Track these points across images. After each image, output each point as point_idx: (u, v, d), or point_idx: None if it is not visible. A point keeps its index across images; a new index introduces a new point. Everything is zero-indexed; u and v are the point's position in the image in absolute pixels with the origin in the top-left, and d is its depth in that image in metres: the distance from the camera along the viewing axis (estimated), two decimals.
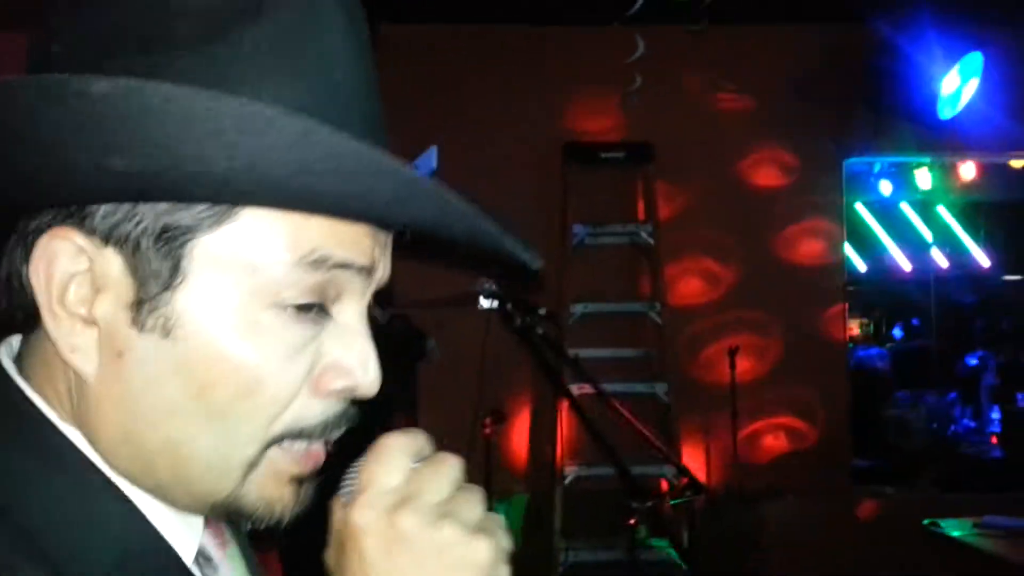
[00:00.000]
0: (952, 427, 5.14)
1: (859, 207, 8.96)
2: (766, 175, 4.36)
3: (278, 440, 0.50)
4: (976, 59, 3.92)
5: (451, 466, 0.50)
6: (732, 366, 4.01)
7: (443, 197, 0.48)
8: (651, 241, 4.16)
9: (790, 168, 4.35)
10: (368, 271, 0.51)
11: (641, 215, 4.26)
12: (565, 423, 3.72)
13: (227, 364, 0.48)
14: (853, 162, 4.92)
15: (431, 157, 1.77)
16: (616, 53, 3.78)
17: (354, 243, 0.50)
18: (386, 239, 0.53)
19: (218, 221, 0.47)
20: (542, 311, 2.26)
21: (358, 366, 0.51)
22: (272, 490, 0.51)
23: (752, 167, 4.35)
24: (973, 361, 6.25)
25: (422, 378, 3.97)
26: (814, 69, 4.28)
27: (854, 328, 9.29)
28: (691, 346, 4.24)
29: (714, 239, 4.33)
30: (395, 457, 0.50)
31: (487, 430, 3.39)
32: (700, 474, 4.19)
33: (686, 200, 4.32)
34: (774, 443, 4.22)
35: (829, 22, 4.21)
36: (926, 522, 2.96)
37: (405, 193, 0.47)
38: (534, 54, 4.30)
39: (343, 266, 0.50)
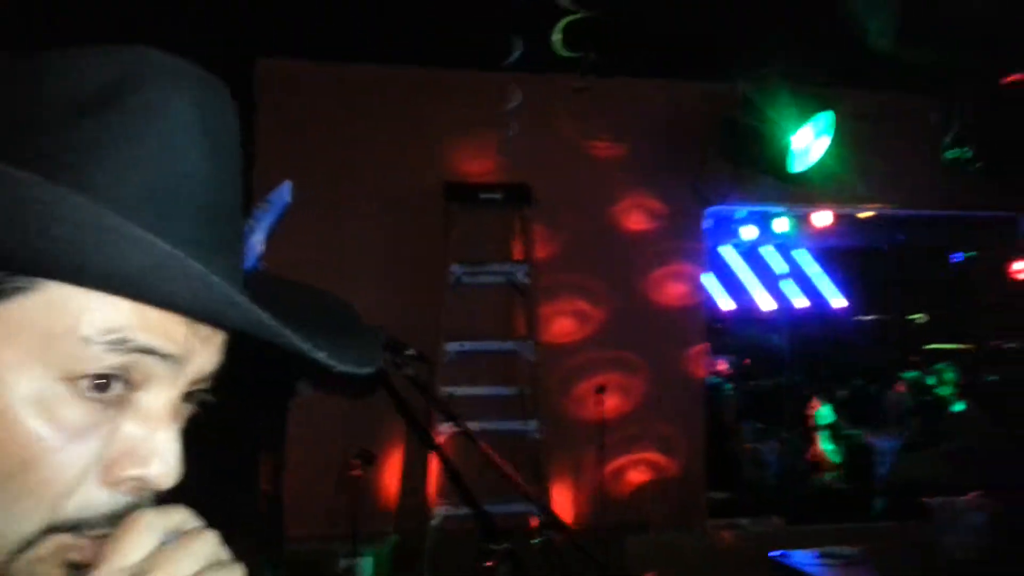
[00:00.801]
0: (802, 460, 5.46)
1: (726, 250, 9.45)
2: (635, 220, 4.56)
3: (60, 526, 0.49)
4: (827, 117, 4.25)
5: (204, 544, 0.48)
6: (600, 403, 4.16)
7: (242, 306, 0.48)
8: (527, 281, 4.26)
9: (657, 214, 4.57)
10: (177, 360, 0.51)
11: (518, 255, 4.35)
12: (436, 463, 3.72)
13: (7, 432, 0.47)
14: (717, 209, 5.21)
15: (284, 192, 1.75)
16: (496, 98, 3.89)
17: (163, 330, 0.50)
18: (212, 329, 0.53)
19: (18, 290, 0.47)
20: (411, 351, 2.27)
21: (154, 456, 0.50)
22: (43, 573, 0.49)
23: (622, 212, 4.54)
24: (823, 396, 6.66)
25: (292, 417, 3.89)
26: (680, 121, 4.54)
27: (723, 365, 9.73)
28: (562, 384, 4.35)
29: (586, 280, 4.48)
30: (142, 533, 0.48)
31: (355, 471, 3.35)
32: (569, 510, 4.28)
33: (561, 242, 4.45)
34: (639, 478, 4.37)
35: (694, 79, 4.49)
36: (774, 554, 3.14)
37: (202, 294, 0.47)
38: (417, 94, 4.35)
39: (146, 351, 0.49)
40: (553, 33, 2.64)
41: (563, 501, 4.29)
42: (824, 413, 5.78)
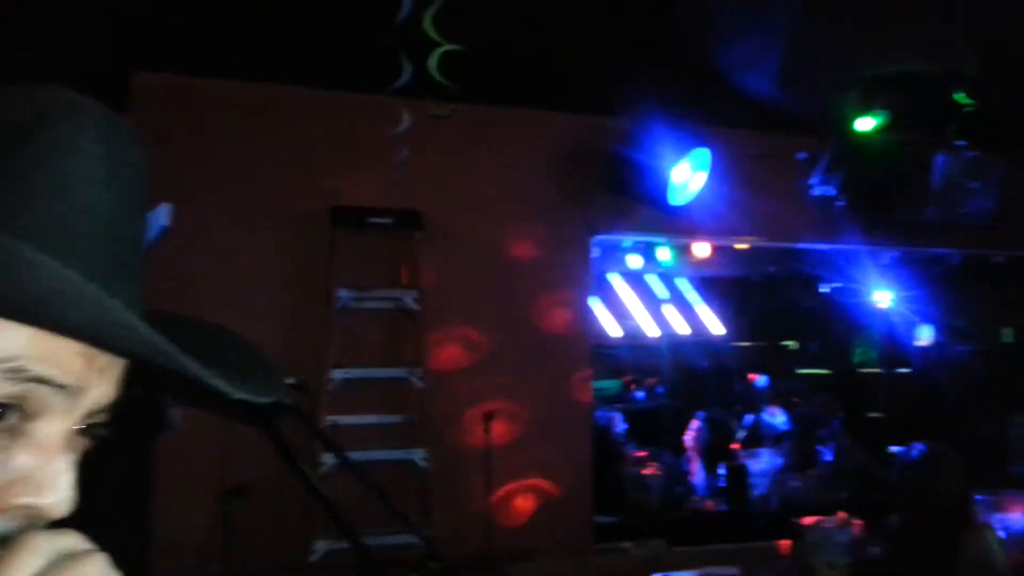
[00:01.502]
0: (684, 483, 5.62)
1: (614, 278, 9.69)
2: (524, 248, 4.61)
3: None
4: (704, 154, 4.45)
5: (93, 567, 0.47)
6: (487, 430, 4.15)
7: (139, 331, 0.49)
8: (416, 307, 4.22)
9: (545, 242, 4.64)
10: (73, 391, 0.51)
11: (407, 281, 4.31)
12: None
13: None
14: (604, 238, 5.34)
15: (161, 215, 1.67)
16: (386, 122, 3.85)
17: (60, 360, 0.50)
18: (109, 360, 0.53)
19: None
20: (290, 380, 2.19)
21: (47, 485, 0.50)
22: None
23: (511, 240, 4.58)
24: (702, 420, 6.91)
25: (164, 451, 3.68)
26: (569, 153, 4.66)
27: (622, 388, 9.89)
28: (450, 411, 4.32)
29: (474, 307, 4.48)
30: (30, 555, 0.47)
31: (230, 506, 3.20)
32: (456, 539, 4.23)
33: (450, 268, 4.44)
34: (526, 505, 4.37)
35: (582, 113, 4.61)
36: None
37: (98, 318, 0.48)
38: (305, 115, 4.27)
39: (42, 381, 0.50)
40: (429, 60, 2.65)
41: (450, 530, 4.24)
42: (704, 436, 5.98)
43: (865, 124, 4.03)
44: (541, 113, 4.61)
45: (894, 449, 6.90)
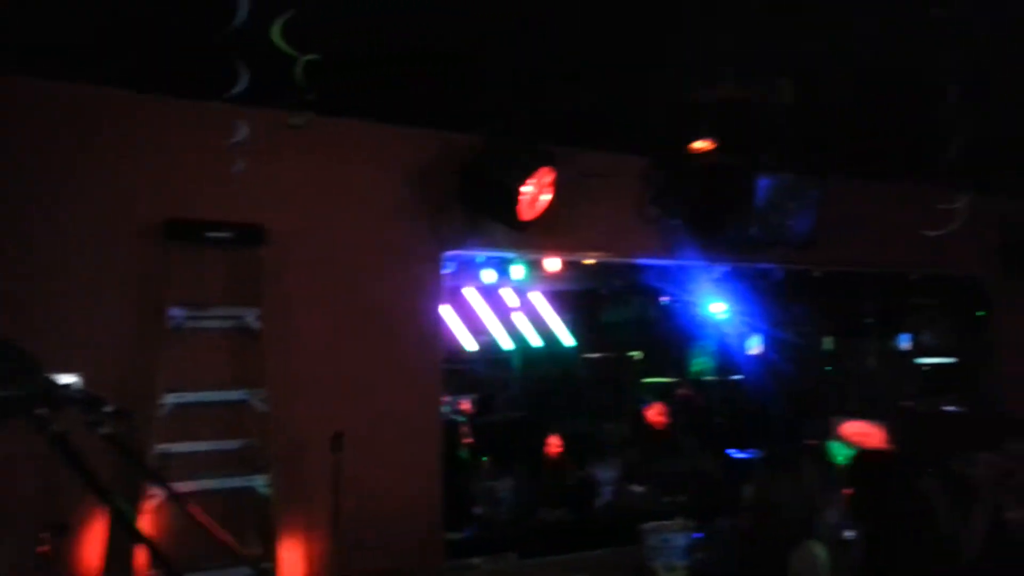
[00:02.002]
0: (535, 495, 5.69)
1: (469, 292, 9.73)
2: (373, 264, 4.53)
3: None
4: (547, 173, 4.56)
5: None
6: (335, 451, 4.02)
7: None
8: (258, 325, 4.04)
9: (396, 258, 4.58)
10: None
11: (248, 299, 4.12)
12: (146, 529, 3.36)
13: None
14: (457, 253, 5.35)
15: None
16: (223, 131, 3.67)
17: None
18: None
19: None
20: (108, 407, 2.03)
21: None
22: None
23: (361, 254, 4.49)
24: (553, 432, 7.04)
25: None
26: (421, 167, 4.63)
27: (466, 404, 9.91)
28: (295, 434, 4.16)
29: (321, 324, 4.35)
30: None
31: (46, 546, 2.93)
32: (302, 566, 4.08)
33: (296, 284, 4.29)
34: (377, 525, 4.27)
35: (434, 128, 4.61)
36: None
37: None
38: (136, 122, 4.00)
39: None
40: (295, 69, 2.56)
41: (296, 558, 4.08)
42: (556, 445, 6.10)
43: (697, 147, 4.27)
44: (392, 128, 4.56)
45: (733, 454, 7.35)
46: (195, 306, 3.94)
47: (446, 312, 9.52)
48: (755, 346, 8.86)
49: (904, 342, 8.21)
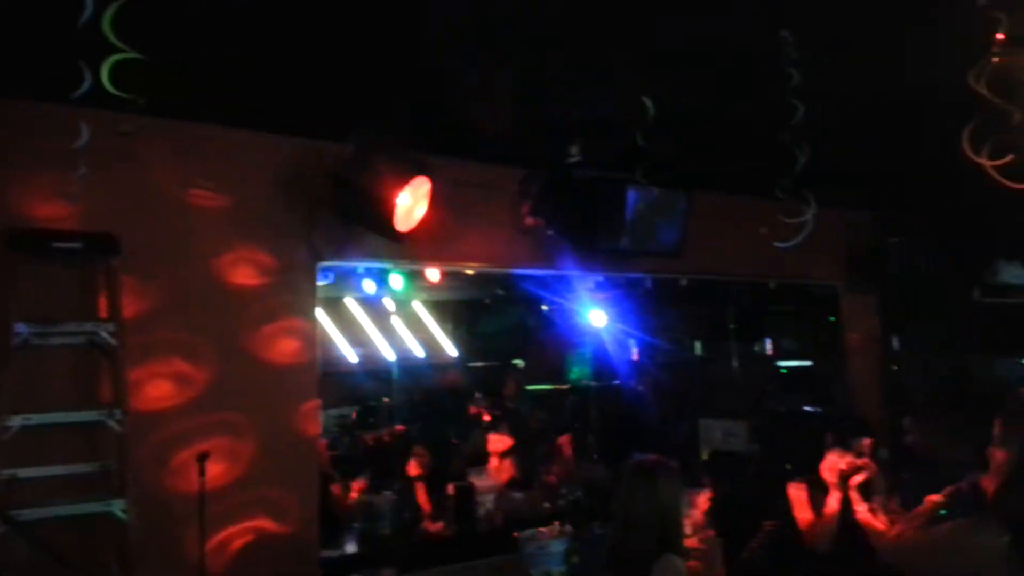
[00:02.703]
0: (413, 508, 5.64)
1: (350, 302, 9.56)
2: (243, 274, 4.36)
3: None
4: (423, 183, 4.54)
5: None
6: (201, 472, 3.85)
7: None
8: (113, 341, 3.81)
9: (267, 268, 4.43)
10: None
11: (102, 313, 3.88)
12: None
13: None
14: (334, 264, 5.24)
15: None
16: (68, 135, 3.44)
17: None
18: None
19: None
20: None
21: None
22: None
23: (228, 266, 4.32)
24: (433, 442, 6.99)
25: None
26: (293, 176, 4.50)
27: (347, 416, 9.70)
28: (157, 455, 3.95)
29: (186, 338, 4.15)
30: None
31: None
32: None
33: (156, 297, 4.07)
34: (246, 549, 4.11)
35: (307, 135, 4.49)
36: None
37: None
38: None
39: None
40: (102, 69, 2.41)
41: None
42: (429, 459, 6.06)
43: (570, 157, 4.38)
44: (261, 134, 4.42)
45: (614, 459, 7.54)
46: (43, 321, 3.68)
47: (324, 323, 9.33)
48: (631, 352, 9.15)
49: (765, 346, 8.70)
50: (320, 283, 4.90)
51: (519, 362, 10.44)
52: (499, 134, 4.42)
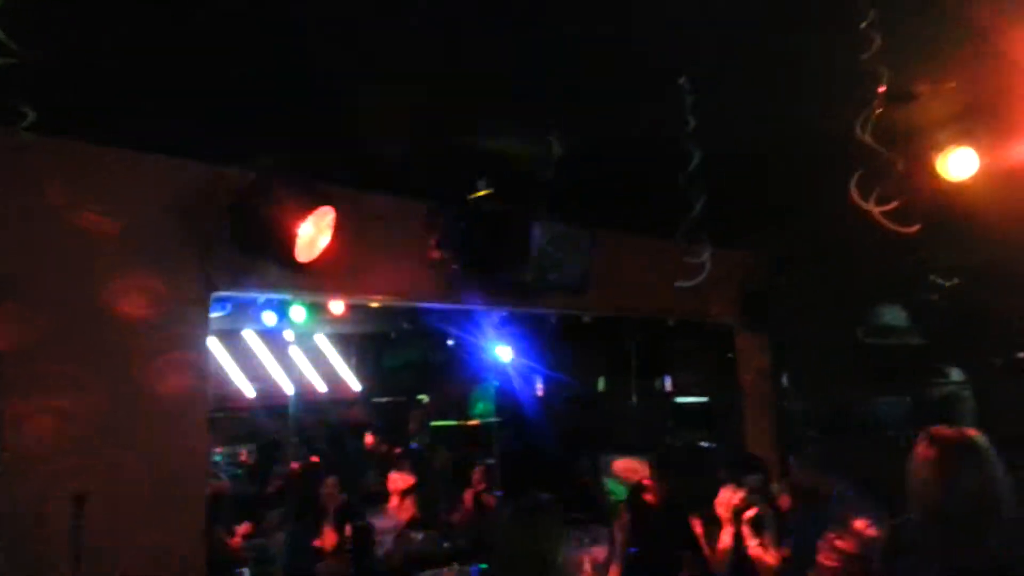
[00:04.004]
0: (309, 550, 5.44)
1: (248, 335, 9.25)
2: (132, 304, 4.14)
3: None
4: (327, 213, 4.45)
5: None
6: (79, 517, 3.59)
7: None
8: None
9: (158, 299, 4.23)
10: None
11: None
12: None
13: None
14: (231, 295, 5.06)
15: None
16: None
17: None
18: None
19: None
20: None
21: None
22: None
23: (116, 295, 4.09)
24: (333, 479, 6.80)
25: None
26: (188, 201, 4.33)
27: (243, 455, 9.35)
28: (31, 498, 3.66)
29: (68, 372, 3.89)
30: None
31: None
32: None
33: (35, 328, 3.81)
34: None
35: (206, 160, 4.34)
36: None
37: None
38: None
39: None
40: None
41: None
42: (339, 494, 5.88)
43: (477, 192, 4.39)
44: (157, 157, 4.24)
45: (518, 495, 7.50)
46: None
47: (221, 357, 8.98)
48: (536, 388, 9.19)
49: (665, 382, 8.91)
50: (215, 314, 4.72)
51: (424, 397, 10.33)
52: (402, 166, 4.41)
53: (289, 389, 9.26)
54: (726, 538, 4.10)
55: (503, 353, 8.47)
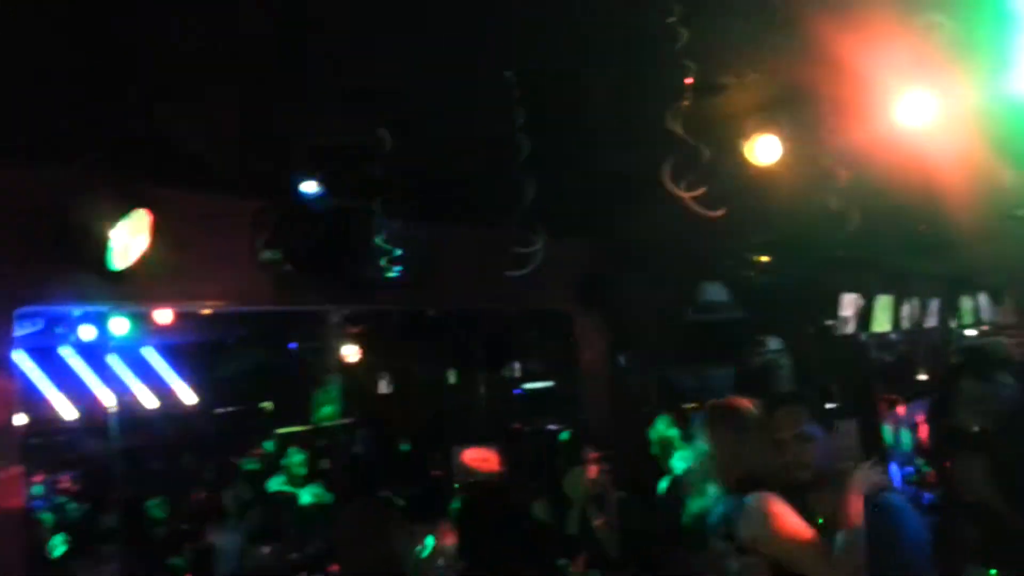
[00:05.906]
0: None
1: (66, 352, 8.53)
2: None
3: None
4: (143, 216, 4.14)
5: None
6: None
7: None
8: None
9: None
10: None
11: None
12: None
13: None
14: (37, 308, 4.64)
15: None
16: None
17: None
18: None
19: None
20: None
21: None
22: None
23: None
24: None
25: None
26: None
27: (66, 481, 8.65)
28: None
29: None
30: None
31: None
32: None
33: None
34: None
35: (2, 157, 3.92)
36: None
37: None
38: None
39: None
40: None
41: None
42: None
43: (308, 188, 4.25)
44: None
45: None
46: None
47: (34, 377, 8.23)
48: (384, 387, 9.10)
49: (514, 370, 9.08)
50: (24, 331, 4.30)
51: (268, 405, 9.96)
52: (227, 162, 4.19)
53: (114, 408, 8.63)
54: (576, 515, 4.23)
55: (349, 353, 8.30)
